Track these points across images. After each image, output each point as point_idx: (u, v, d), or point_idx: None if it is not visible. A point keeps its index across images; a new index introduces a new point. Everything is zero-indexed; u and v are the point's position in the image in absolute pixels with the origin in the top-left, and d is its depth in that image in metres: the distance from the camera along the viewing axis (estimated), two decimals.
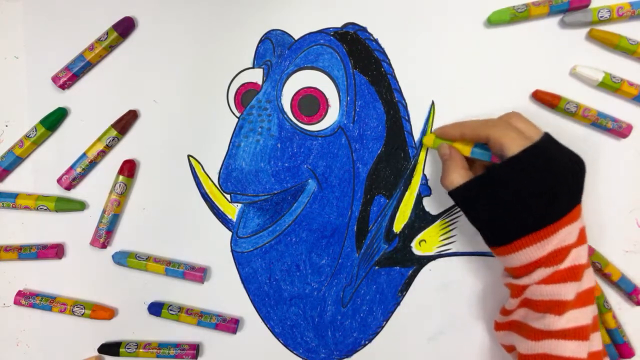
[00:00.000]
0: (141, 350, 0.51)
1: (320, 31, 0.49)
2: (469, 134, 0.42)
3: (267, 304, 0.52)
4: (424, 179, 0.50)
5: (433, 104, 0.49)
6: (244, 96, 0.50)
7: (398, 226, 0.50)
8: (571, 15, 0.46)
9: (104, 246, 0.51)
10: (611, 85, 0.47)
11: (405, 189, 0.50)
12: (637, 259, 0.50)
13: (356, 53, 0.49)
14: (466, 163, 0.43)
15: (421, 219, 0.50)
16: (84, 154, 0.49)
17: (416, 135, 0.50)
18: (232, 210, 0.51)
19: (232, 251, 0.52)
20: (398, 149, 0.50)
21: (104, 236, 0.50)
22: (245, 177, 0.50)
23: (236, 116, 0.50)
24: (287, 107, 0.49)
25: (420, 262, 0.51)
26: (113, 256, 0.51)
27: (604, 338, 0.49)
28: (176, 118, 0.50)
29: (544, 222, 0.37)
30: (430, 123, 0.49)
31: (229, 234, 0.51)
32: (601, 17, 0.46)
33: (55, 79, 0.49)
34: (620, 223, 0.50)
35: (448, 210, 0.50)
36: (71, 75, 0.49)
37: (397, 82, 0.49)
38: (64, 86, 0.49)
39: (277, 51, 0.49)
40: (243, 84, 0.50)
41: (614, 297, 0.50)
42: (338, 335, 0.52)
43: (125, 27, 0.48)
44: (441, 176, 0.43)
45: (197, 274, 0.50)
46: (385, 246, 0.51)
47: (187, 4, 0.49)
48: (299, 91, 0.49)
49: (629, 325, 0.51)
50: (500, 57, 0.48)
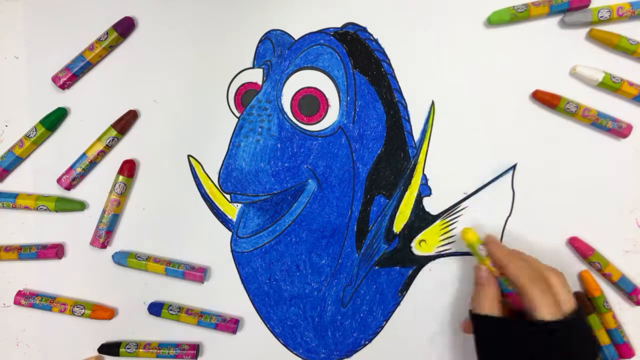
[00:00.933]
0: (141, 351, 0.51)
1: (320, 31, 0.49)
2: (511, 275, 0.42)
3: (267, 304, 0.52)
4: (424, 179, 0.50)
5: (433, 104, 0.49)
6: (244, 96, 0.50)
7: (398, 226, 0.50)
8: (571, 15, 0.46)
9: (104, 246, 0.51)
10: (611, 85, 0.47)
11: (405, 189, 0.50)
12: (637, 259, 0.50)
13: (356, 53, 0.49)
14: (500, 294, 0.43)
15: (421, 219, 0.50)
16: (84, 154, 0.49)
17: (416, 135, 0.50)
18: (232, 211, 0.51)
19: (232, 251, 0.52)
20: (398, 149, 0.50)
21: (103, 236, 0.50)
22: (245, 177, 0.50)
23: (236, 116, 0.50)
24: (287, 107, 0.49)
25: (420, 262, 0.51)
26: (113, 256, 0.51)
27: (604, 338, 0.49)
28: (176, 118, 0.50)
29: None
30: (430, 123, 0.49)
31: (229, 234, 0.51)
32: (601, 17, 0.46)
33: (55, 79, 0.49)
34: (620, 223, 0.50)
35: (448, 210, 0.50)
36: (71, 75, 0.49)
37: (397, 82, 0.49)
38: (64, 86, 0.49)
39: (277, 51, 0.49)
40: (243, 84, 0.50)
41: (614, 297, 0.50)
42: (338, 335, 0.52)
43: (125, 27, 0.48)
44: (472, 296, 0.44)
45: (197, 274, 0.50)
46: (385, 246, 0.51)
47: (187, 4, 0.49)
48: (299, 91, 0.49)
49: (629, 325, 0.51)
50: (500, 57, 0.48)
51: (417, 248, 0.51)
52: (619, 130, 0.47)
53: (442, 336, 0.51)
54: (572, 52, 0.48)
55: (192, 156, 0.51)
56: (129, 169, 0.50)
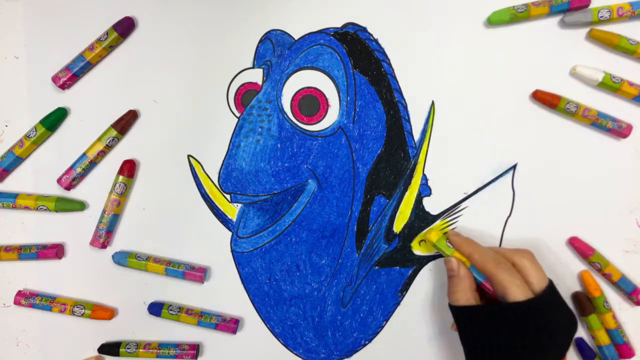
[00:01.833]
0: (141, 351, 0.51)
1: (320, 31, 0.49)
2: (477, 263, 0.42)
3: (267, 304, 0.52)
4: (424, 179, 0.50)
5: (433, 104, 0.49)
6: (244, 96, 0.50)
7: (398, 226, 0.50)
8: (571, 15, 0.46)
9: (104, 246, 0.51)
10: (611, 85, 0.47)
11: (405, 189, 0.50)
12: (637, 259, 0.50)
13: (356, 53, 0.49)
14: (474, 284, 0.43)
15: (421, 219, 0.50)
16: (84, 154, 0.49)
17: (416, 135, 0.50)
18: (232, 210, 0.51)
19: (232, 251, 0.52)
20: (398, 149, 0.50)
21: (103, 236, 0.50)
22: (245, 177, 0.50)
23: (236, 116, 0.50)
24: (287, 107, 0.50)
25: (420, 262, 0.51)
26: (113, 256, 0.51)
27: (604, 338, 0.49)
28: (176, 118, 0.50)
29: None
30: (430, 123, 0.49)
31: (229, 234, 0.51)
32: (601, 17, 0.46)
33: (55, 79, 0.49)
34: (620, 223, 0.50)
35: (448, 210, 0.50)
36: (71, 75, 0.49)
37: (397, 82, 0.49)
38: (64, 86, 0.49)
39: (277, 51, 0.49)
40: (243, 84, 0.50)
41: (614, 297, 0.50)
42: (338, 336, 0.52)
43: (125, 27, 0.48)
44: (447, 290, 0.44)
45: (197, 274, 0.50)
46: (385, 246, 0.51)
47: (187, 4, 0.49)
48: (299, 91, 0.49)
49: (629, 325, 0.51)
50: (500, 57, 0.48)
51: (417, 248, 0.51)
52: (619, 130, 0.47)
53: (442, 336, 0.51)
54: (572, 52, 0.48)
55: (192, 156, 0.51)
56: (129, 169, 0.50)
